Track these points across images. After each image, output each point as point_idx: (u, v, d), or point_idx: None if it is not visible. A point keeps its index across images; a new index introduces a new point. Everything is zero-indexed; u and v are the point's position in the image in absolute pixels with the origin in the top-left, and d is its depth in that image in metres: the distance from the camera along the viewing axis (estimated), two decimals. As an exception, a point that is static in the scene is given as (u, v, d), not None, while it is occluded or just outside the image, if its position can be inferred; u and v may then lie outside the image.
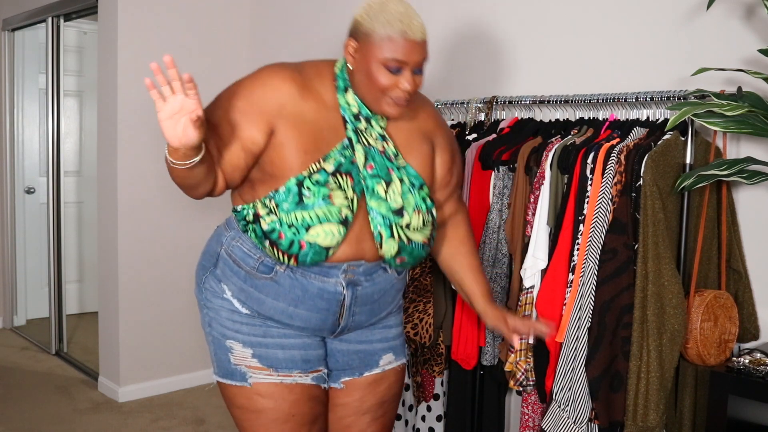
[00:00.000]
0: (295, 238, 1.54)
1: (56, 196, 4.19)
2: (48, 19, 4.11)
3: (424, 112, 1.73)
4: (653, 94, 2.09)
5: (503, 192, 2.29)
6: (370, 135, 1.61)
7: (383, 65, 1.51)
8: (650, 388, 1.88)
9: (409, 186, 1.63)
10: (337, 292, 1.63)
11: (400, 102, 1.54)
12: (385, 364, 1.79)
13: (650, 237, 1.89)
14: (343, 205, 1.55)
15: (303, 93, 1.58)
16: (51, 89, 4.16)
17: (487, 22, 2.72)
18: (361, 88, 1.57)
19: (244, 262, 1.63)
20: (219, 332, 1.68)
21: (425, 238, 1.66)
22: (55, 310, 4.23)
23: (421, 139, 1.70)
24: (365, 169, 1.59)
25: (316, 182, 1.54)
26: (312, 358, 1.69)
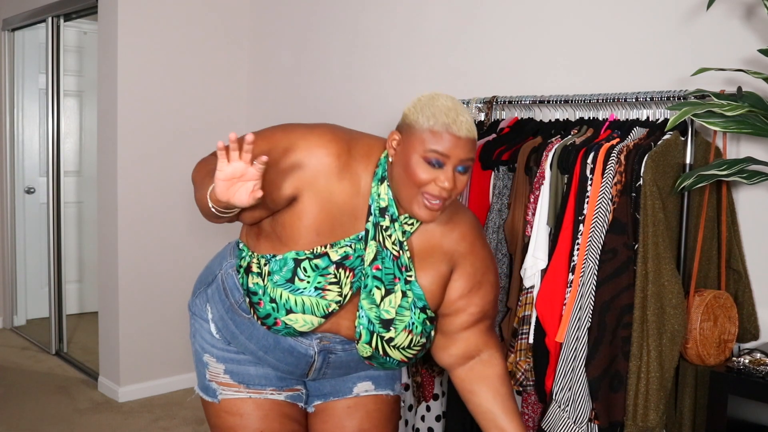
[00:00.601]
0: (272, 314, 1.50)
1: (56, 196, 4.19)
2: (48, 19, 4.11)
3: (459, 233, 1.59)
4: (653, 94, 2.09)
5: (503, 192, 2.29)
6: (389, 237, 1.50)
7: (423, 158, 1.39)
8: (650, 388, 1.88)
9: (410, 303, 1.53)
10: (308, 354, 1.59)
11: (434, 204, 1.41)
12: (360, 391, 1.70)
13: (650, 237, 1.89)
14: (333, 301, 1.49)
15: (342, 173, 1.48)
16: (51, 89, 4.16)
17: (487, 21, 2.72)
18: (398, 183, 1.45)
19: (232, 294, 1.60)
20: (199, 345, 1.68)
21: (404, 358, 1.55)
22: (55, 310, 4.23)
23: (441, 258, 1.57)
24: (370, 267, 1.50)
25: (315, 267, 1.47)
26: (288, 377, 1.65)
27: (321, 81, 3.41)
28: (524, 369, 2.16)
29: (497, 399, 1.62)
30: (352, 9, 3.25)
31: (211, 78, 3.63)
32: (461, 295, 1.60)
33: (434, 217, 1.44)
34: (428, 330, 1.56)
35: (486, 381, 1.63)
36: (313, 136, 1.47)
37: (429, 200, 1.42)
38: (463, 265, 1.60)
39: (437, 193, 1.40)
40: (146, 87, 3.44)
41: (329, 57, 3.37)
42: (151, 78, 3.47)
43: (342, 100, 3.28)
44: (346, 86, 3.29)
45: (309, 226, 1.47)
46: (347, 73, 3.29)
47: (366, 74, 3.19)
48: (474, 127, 1.42)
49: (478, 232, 1.63)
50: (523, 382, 2.17)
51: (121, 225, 3.47)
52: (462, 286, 1.60)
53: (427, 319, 1.55)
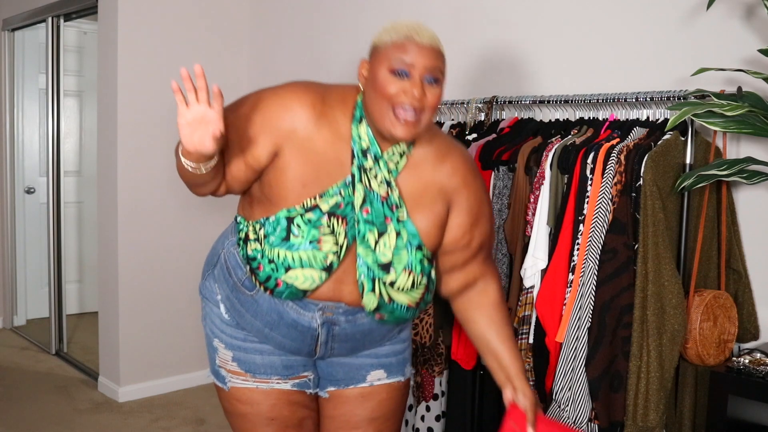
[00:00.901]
0: (273, 275, 1.49)
1: (56, 196, 4.19)
2: (48, 19, 4.11)
3: (450, 167, 1.57)
4: (653, 94, 2.09)
5: (503, 192, 2.29)
6: (375, 177, 1.50)
7: (389, 70, 1.42)
8: (650, 388, 1.88)
9: (405, 243, 1.52)
10: (311, 327, 1.57)
11: (408, 116, 1.41)
12: (373, 379, 1.69)
13: (650, 237, 1.89)
14: (330, 251, 1.48)
15: (319, 120, 1.49)
16: (51, 89, 4.16)
17: (487, 21, 2.72)
18: (371, 106, 1.46)
19: (235, 272, 1.60)
20: (210, 329, 1.68)
21: (411, 301, 1.55)
22: (55, 310, 4.23)
23: (435, 196, 1.56)
24: (360, 212, 1.50)
25: (308, 221, 1.47)
26: (294, 364, 1.64)
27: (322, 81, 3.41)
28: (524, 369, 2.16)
29: (491, 326, 1.65)
30: (352, 9, 3.25)
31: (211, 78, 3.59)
32: (463, 233, 1.60)
33: (411, 132, 1.43)
34: (427, 270, 1.55)
35: (481, 309, 1.66)
36: (285, 92, 1.50)
37: (401, 114, 1.41)
38: (459, 201, 1.59)
39: (408, 102, 1.40)
40: (146, 87, 3.44)
41: (330, 57, 3.37)
42: (151, 78, 3.47)
43: (342, 100, 3.28)
44: (346, 86, 3.29)
45: (294, 179, 1.48)
46: (348, 73, 3.29)
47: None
48: (439, 40, 1.44)
49: (470, 165, 1.61)
50: (523, 382, 2.17)
51: (121, 225, 3.47)
52: (461, 223, 1.59)
53: (425, 258, 1.54)
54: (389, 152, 1.51)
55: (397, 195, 1.51)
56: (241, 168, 1.50)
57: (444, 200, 1.58)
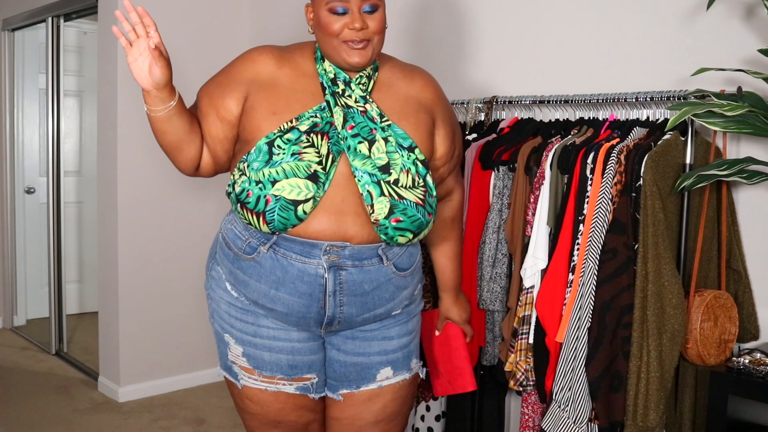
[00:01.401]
0: (261, 194, 1.53)
1: (56, 196, 4.18)
2: (48, 19, 4.11)
3: (421, 81, 1.71)
4: (653, 94, 2.09)
5: (503, 192, 2.29)
6: (350, 97, 1.60)
7: (329, 10, 1.55)
8: (650, 388, 1.88)
9: (396, 147, 1.59)
10: (318, 274, 1.57)
11: (358, 46, 1.55)
12: (382, 379, 1.71)
13: (650, 237, 1.89)
14: (312, 161, 1.53)
15: (279, 62, 1.63)
16: (51, 89, 4.16)
17: (487, 22, 2.72)
18: (324, 46, 1.60)
19: (234, 244, 1.64)
20: (219, 325, 1.71)
21: (418, 199, 1.58)
22: (55, 310, 4.23)
23: (416, 107, 1.66)
24: (345, 129, 1.57)
25: (287, 140, 1.54)
26: (300, 364, 1.66)
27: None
28: (524, 369, 2.16)
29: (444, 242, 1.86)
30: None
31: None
32: (450, 143, 1.73)
33: (366, 57, 1.57)
34: (423, 173, 1.61)
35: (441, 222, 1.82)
36: (246, 51, 1.68)
37: (351, 45, 1.56)
38: (439, 113, 1.71)
39: (353, 36, 1.54)
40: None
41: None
42: (151, 78, 3.47)
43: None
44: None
45: (264, 110, 1.58)
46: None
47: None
48: None
49: (436, 83, 1.76)
50: (523, 382, 2.17)
51: (121, 225, 3.47)
52: (446, 134, 1.72)
53: (418, 160, 1.60)
54: (357, 78, 1.62)
55: (376, 107, 1.62)
56: (218, 125, 1.61)
57: (427, 112, 1.68)
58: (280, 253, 1.58)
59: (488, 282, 2.28)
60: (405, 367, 1.74)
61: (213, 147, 1.63)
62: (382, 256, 1.62)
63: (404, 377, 1.74)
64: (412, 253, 1.70)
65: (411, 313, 1.76)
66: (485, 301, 2.28)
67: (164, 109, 1.53)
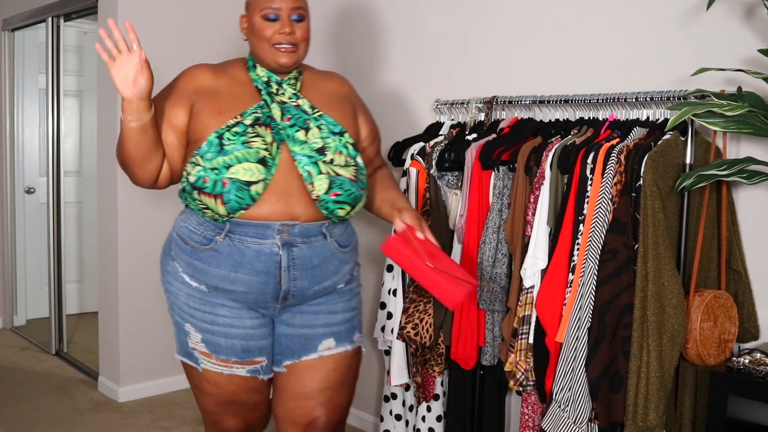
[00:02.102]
0: (218, 178, 1.72)
1: (56, 196, 4.19)
2: (48, 19, 4.11)
3: (337, 79, 2.02)
4: (653, 94, 2.09)
5: (503, 192, 2.29)
6: (283, 95, 1.86)
7: (262, 17, 1.80)
8: (650, 388, 1.88)
9: (328, 132, 1.85)
10: (273, 252, 1.78)
11: (287, 49, 1.81)
12: (323, 349, 1.89)
13: (650, 237, 1.89)
14: (260, 147, 1.75)
15: (216, 74, 1.88)
16: (51, 89, 4.16)
17: (487, 21, 2.72)
18: (256, 51, 1.85)
19: (190, 239, 1.83)
20: (179, 316, 1.91)
21: (351, 176, 1.83)
22: (55, 310, 4.23)
23: (338, 99, 1.95)
24: (283, 121, 1.83)
25: (235, 133, 1.76)
26: (252, 348, 1.85)
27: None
28: (524, 369, 2.16)
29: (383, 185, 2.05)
30: (354, 9, 3.25)
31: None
32: (371, 126, 2.04)
33: (293, 59, 1.83)
34: (353, 154, 1.86)
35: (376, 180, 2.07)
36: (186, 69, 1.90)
37: (280, 48, 1.81)
38: (356, 103, 2.03)
39: (283, 39, 1.80)
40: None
41: (330, 59, 3.37)
42: (151, 78, 3.47)
43: (342, 100, 3.28)
44: (346, 86, 3.29)
45: (210, 112, 1.80)
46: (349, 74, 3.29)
47: (367, 75, 3.19)
48: None
49: (348, 80, 2.08)
50: (523, 382, 2.17)
51: (121, 225, 3.47)
52: (366, 119, 2.03)
53: (348, 143, 1.86)
54: (287, 79, 1.88)
55: (307, 101, 1.88)
56: (170, 133, 1.82)
57: (348, 102, 1.98)
58: (235, 239, 1.77)
59: (488, 282, 2.28)
60: (347, 340, 1.93)
61: (170, 154, 1.82)
62: (326, 233, 1.85)
63: (346, 348, 1.93)
64: (350, 233, 1.95)
65: (353, 292, 1.98)
66: (485, 301, 2.28)
67: (141, 119, 1.70)
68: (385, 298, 2.60)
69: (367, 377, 3.27)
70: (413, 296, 2.43)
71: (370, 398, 3.25)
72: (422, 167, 2.51)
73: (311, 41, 1.95)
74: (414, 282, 2.44)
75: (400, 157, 2.64)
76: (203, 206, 1.77)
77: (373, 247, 3.13)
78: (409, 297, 2.44)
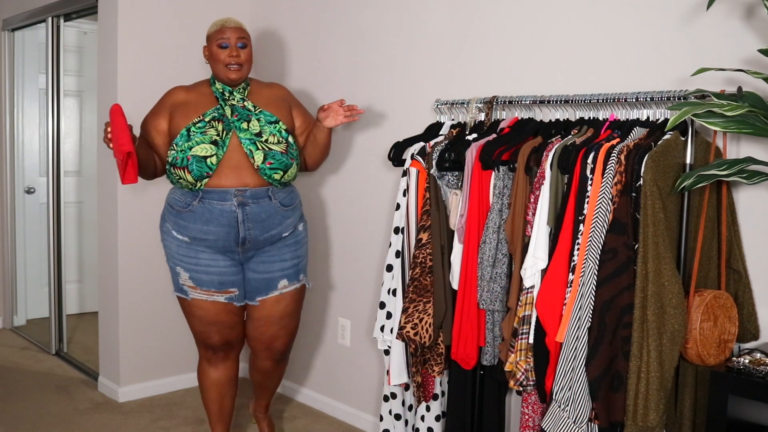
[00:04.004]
0: (183, 156, 2.50)
1: (56, 196, 4.18)
2: (48, 19, 4.11)
3: (276, 86, 2.81)
4: (653, 94, 2.09)
5: (503, 192, 2.29)
6: (234, 99, 2.64)
7: (217, 45, 2.59)
8: (650, 388, 1.88)
9: (265, 123, 2.61)
10: (232, 211, 2.54)
11: (234, 68, 2.59)
12: (282, 287, 2.68)
13: (650, 237, 1.89)
14: (212, 134, 2.54)
15: (187, 92, 2.67)
16: (51, 89, 4.16)
17: (487, 21, 2.72)
18: (214, 70, 2.63)
19: (176, 204, 2.59)
20: (172, 261, 2.63)
21: (282, 149, 2.58)
22: (55, 310, 4.23)
23: (276, 100, 2.72)
24: (232, 117, 2.59)
25: (198, 127, 2.54)
26: (226, 281, 2.62)
27: (323, 83, 3.41)
28: (524, 369, 2.16)
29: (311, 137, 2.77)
30: (353, 10, 3.25)
31: (211, 78, 3.63)
32: (304, 116, 2.80)
33: (239, 74, 2.60)
34: (285, 136, 2.61)
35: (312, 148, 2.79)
36: (165, 93, 2.70)
37: (230, 67, 2.59)
38: (291, 101, 2.80)
39: (232, 61, 2.58)
40: (146, 87, 3.44)
41: (331, 59, 3.37)
42: (151, 78, 3.47)
43: (342, 100, 3.28)
44: (348, 87, 3.29)
45: (182, 116, 2.58)
46: (349, 74, 3.29)
47: (368, 75, 3.19)
48: (241, 23, 2.66)
49: (286, 88, 2.86)
50: (523, 382, 2.17)
51: (121, 225, 3.47)
52: (300, 112, 2.80)
53: (281, 128, 2.62)
54: (237, 89, 2.65)
55: (251, 103, 2.65)
56: (158, 137, 2.62)
57: (284, 101, 2.75)
58: (205, 202, 2.54)
59: (488, 282, 2.28)
60: (296, 279, 2.72)
61: (160, 151, 2.63)
62: (271, 196, 2.60)
63: (296, 286, 2.73)
64: (292, 197, 2.70)
65: (299, 243, 2.73)
66: (485, 301, 2.28)
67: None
68: (385, 297, 2.60)
69: (366, 377, 3.27)
70: (413, 296, 2.44)
71: (370, 398, 3.25)
72: (422, 167, 2.51)
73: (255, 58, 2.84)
74: (414, 282, 2.44)
75: (400, 157, 2.64)
76: (178, 177, 2.53)
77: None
78: (408, 297, 2.44)
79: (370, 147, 3.20)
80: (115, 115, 2.34)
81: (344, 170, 3.34)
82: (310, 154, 2.79)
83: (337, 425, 3.33)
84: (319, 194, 3.46)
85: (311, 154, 2.78)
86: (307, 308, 3.56)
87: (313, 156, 2.79)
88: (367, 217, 3.24)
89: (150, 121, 2.63)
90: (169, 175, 2.56)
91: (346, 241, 3.35)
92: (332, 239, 3.43)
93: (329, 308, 3.47)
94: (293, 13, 3.56)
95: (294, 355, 3.62)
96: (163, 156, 2.61)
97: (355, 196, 3.29)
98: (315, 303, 3.53)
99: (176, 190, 2.61)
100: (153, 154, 2.60)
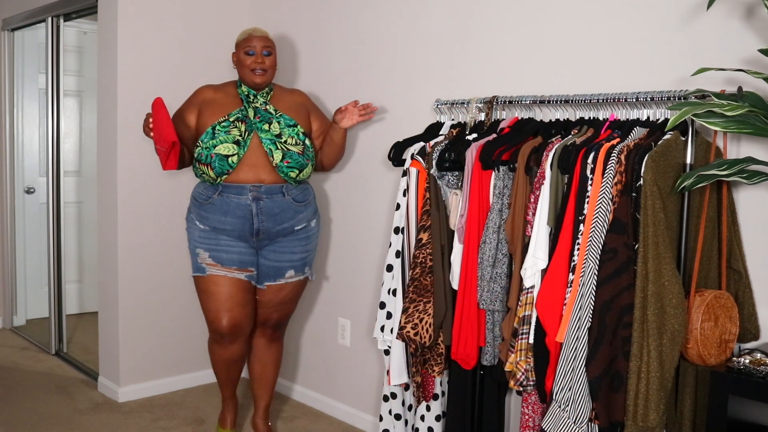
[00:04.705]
0: (208, 153, 2.70)
1: (56, 196, 4.18)
2: (48, 19, 4.11)
3: (297, 93, 3.02)
4: (653, 94, 2.09)
5: (503, 192, 2.29)
6: (257, 102, 2.84)
7: (244, 52, 2.81)
8: (650, 388, 1.88)
9: (285, 126, 2.81)
10: (247, 204, 2.76)
11: (260, 73, 2.80)
12: (288, 276, 2.91)
13: (650, 237, 1.89)
14: (236, 134, 2.73)
15: (215, 91, 2.89)
16: (51, 89, 4.16)
17: (487, 21, 2.72)
18: (241, 74, 2.85)
19: (199, 197, 2.82)
20: (194, 245, 2.82)
21: (299, 150, 2.79)
22: (55, 310, 4.22)
23: (296, 105, 2.93)
24: (255, 119, 2.80)
25: (222, 126, 2.74)
26: (245, 261, 2.82)
27: (323, 83, 3.41)
28: (524, 369, 2.16)
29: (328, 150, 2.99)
30: (353, 11, 3.25)
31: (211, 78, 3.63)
32: (321, 121, 2.99)
33: (264, 79, 2.81)
34: (302, 138, 2.82)
35: (330, 148, 2.99)
36: (195, 91, 2.93)
37: (255, 72, 2.80)
38: (310, 106, 3.00)
39: (257, 66, 2.79)
40: (146, 87, 3.44)
41: (331, 59, 3.37)
42: (151, 78, 3.47)
43: (344, 101, 3.28)
44: (348, 87, 3.29)
45: (209, 114, 2.79)
46: (349, 74, 3.29)
47: (368, 75, 3.19)
48: (267, 32, 2.88)
49: (305, 94, 3.06)
50: (523, 382, 2.17)
51: (121, 225, 3.47)
52: (316, 116, 2.99)
53: (299, 131, 2.82)
54: (261, 93, 2.86)
55: (272, 107, 2.85)
56: (186, 131, 2.84)
57: (303, 107, 2.96)
58: (224, 196, 2.76)
59: (488, 282, 2.28)
60: (301, 271, 2.93)
61: (188, 144, 2.85)
62: (285, 192, 2.80)
63: (300, 277, 2.94)
64: (305, 194, 2.89)
65: (310, 238, 2.92)
66: (485, 301, 2.28)
67: None
68: (385, 297, 2.59)
69: (366, 377, 3.27)
70: (413, 296, 2.43)
71: (370, 398, 3.25)
72: (422, 167, 2.51)
73: (277, 67, 2.90)
74: (414, 282, 2.44)
75: (400, 157, 2.63)
76: (201, 172, 2.75)
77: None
78: (408, 297, 2.44)
79: (370, 147, 3.20)
80: (158, 107, 2.57)
81: (344, 170, 3.34)
82: (327, 154, 2.96)
83: (337, 425, 3.33)
84: (320, 194, 3.46)
85: (328, 154, 2.96)
86: (308, 308, 3.56)
87: (329, 156, 2.96)
88: (367, 217, 3.24)
89: (180, 116, 2.84)
90: (195, 169, 2.78)
91: (346, 240, 3.35)
92: (332, 239, 3.43)
93: (329, 308, 3.47)
94: (293, 14, 3.56)
95: (294, 355, 3.62)
96: (190, 148, 2.83)
97: (355, 196, 3.29)
98: (315, 303, 3.53)
99: (200, 184, 2.85)
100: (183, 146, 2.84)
